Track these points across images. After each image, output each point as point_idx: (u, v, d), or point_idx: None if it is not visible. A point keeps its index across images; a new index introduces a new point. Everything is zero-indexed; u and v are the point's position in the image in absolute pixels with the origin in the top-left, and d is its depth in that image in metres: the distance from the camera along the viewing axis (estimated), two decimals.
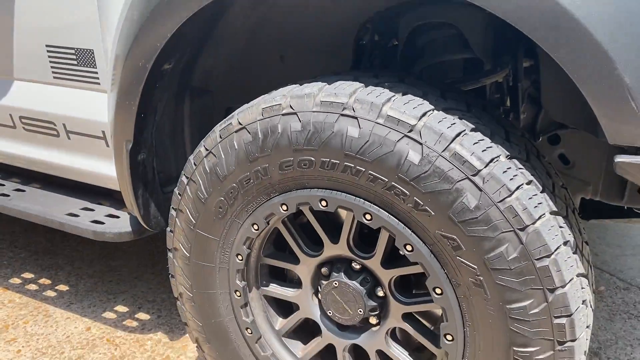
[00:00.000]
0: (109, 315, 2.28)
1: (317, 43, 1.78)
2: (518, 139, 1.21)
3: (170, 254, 1.57)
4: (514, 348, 1.14)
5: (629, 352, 2.01)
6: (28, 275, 2.58)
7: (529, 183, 1.12)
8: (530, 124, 1.72)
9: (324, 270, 1.43)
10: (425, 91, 1.20)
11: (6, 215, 3.15)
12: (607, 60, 0.95)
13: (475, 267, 1.12)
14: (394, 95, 1.16)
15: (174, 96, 1.65)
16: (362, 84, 1.21)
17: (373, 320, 1.41)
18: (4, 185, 2.15)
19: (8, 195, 2.06)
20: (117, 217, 1.89)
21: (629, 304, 2.30)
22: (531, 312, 1.10)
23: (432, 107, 1.15)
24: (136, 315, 2.28)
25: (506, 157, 1.13)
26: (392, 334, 1.40)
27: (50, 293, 2.43)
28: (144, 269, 2.61)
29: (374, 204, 1.21)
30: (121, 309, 2.32)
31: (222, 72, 1.75)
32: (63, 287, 2.47)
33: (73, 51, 1.67)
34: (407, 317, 1.35)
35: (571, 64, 0.98)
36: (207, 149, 1.38)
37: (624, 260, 2.63)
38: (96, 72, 1.67)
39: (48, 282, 2.52)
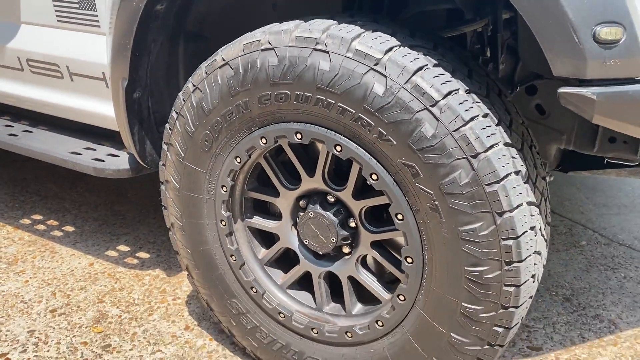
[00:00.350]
0: (111, 253, 2.42)
1: None
2: (480, 77, 1.29)
3: (162, 187, 1.69)
4: (466, 268, 1.24)
5: (600, 299, 2.10)
6: (37, 216, 2.73)
7: (485, 116, 1.20)
8: (509, 75, 1.79)
9: (301, 203, 1.54)
10: (395, 30, 1.28)
11: (19, 163, 3.30)
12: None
13: (432, 192, 1.22)
14: (363, 32, 1.25)
15: (169, 39, 1.74)
16: (336, 22, 1.29)
17: (345, 250, 1.52)
18: (13, 126, 2.28)
19: (17, 135, 2.19)
20: (117, 156, 2.00)
21: (607, 257, 2.38)
22: (481, 234, 1.20)
23: (399, 43, 1.23)
24: (137, 254, 2.42)
25: (465, 91, 1.21)
26: (362, 261, 1.51)
27: (57, 233, 2.58)
28: (147, 214, 2.75)
29: (343, 135, 1.30)
30: (123, 248, 2.47)
31: (216, 18, 1.83)
32: (69, 228, 2.62)
33: None
34: (375, 245, 1.45)
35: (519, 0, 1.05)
36: (194, 85, 1.48)
37: (608, 218, 2.71)
38: (96, 15, 1.77)
39: (55, 223, 2.67)
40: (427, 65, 1.20)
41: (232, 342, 1.85)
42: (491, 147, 1.17)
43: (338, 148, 1.32)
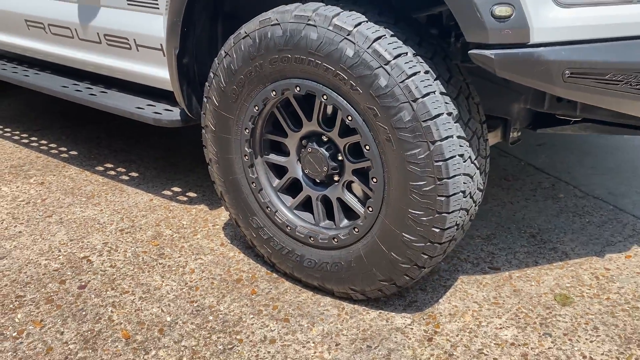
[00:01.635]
0: (167, 192, 3.01)
1: None
2: (429, 44, 1.74)
3: (203, 131, 2.23)
4: (410, 183, 1.71)
5: (561, 237, 2.51)
6: (109, 165, 3.36)
7: (426, 72, 1.66)
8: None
9: (304, 142, 2.04)
10: (366, 9, 1.75)
11: (94, 125, 3.95)
12: None
13: (386, 127, 1.69)
14: (341, 11, 1.72)
15: (210, 19, 2.27)
16: (323, 4, 1.77)
17: (335, 177, 2.01)
18: (92, 88, 2.89)
19: (95, 95, 2.79)
20: (171, 110, 2.57)
21: (578, 207, 2.77)
22: (419, 157, 1.66)
23: (366, 19, 1.70)
24: (187, 194, 3.00)
25: (412, 54, 1.67)
26: (347, 186, 2.00)
27: (125, 177, 3.20)
28: (197, 165, 3.32)
29: (328, 87, 1.79)
30: (176, 189, 3.05)
31: (247, 2, 2.34)
32: (134, 174, 3.23)
33: None
34: (355, 172, 1.94)
35: None
36: (225, 52, 2.00)
37: (592, 178, 3.06)
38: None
39: (123, 170, 3.29)
40: (384, 35, 1.67)
41: (255, 254, 2.39)
42: (427, 94, 1.63)
43: (324, 97, 1.81)
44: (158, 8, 2.32)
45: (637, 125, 2.05)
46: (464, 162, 1.71)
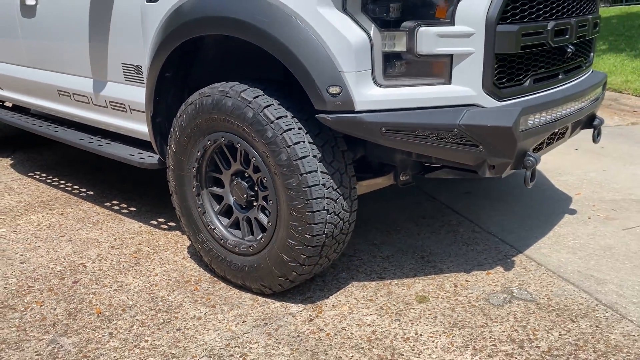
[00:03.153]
0: (153, 222, 3.85)
1: (262, 62, 3.21)
2: (307, 111, 2.55)
3: (167, 170, 3.07)
4: (289, 203, 2.49)
5: (445, 259, 3.18)
6: (115, 201, 4.24)
7: (299, 128, 2.47)
8: None
9: (233, 177, 2.85)
10: (266, 86, 2.59)
11: (111, 169, 4.86)
12: (307, 74, 2.30)
13: (274, 165, 2.49)
14: (247, 87, 2.57)
15: (178, 90, 3.16)
16: (238, 82, 2.63)
17: (254, 203, 2.80)
18: (101, 141, 3.81)
19: (102, 145, 3.71)
20: (153, 157, 3.44)
21: (470, 239, 3.44)
22: (293, 185, 2.44)
23: (262, 93, 2.54)
24: (168, 223, 3.83)
25: (291, 117, 2.48)
26: (261, 209, 2.78)
27: (125, 210, 4.06)
28: None
29: (240, 138, 2.62)
30: (161, 219, 3.89)
31: (207, 78, 3.23)
32: (132, 208, 4.10)
33: (133, 66, 3.26)
34: (264, 198, 2.73)
35: (297, 74, 2.33)
36: (179, 114, 2.87)
37: (494, 218, 3.74)
38: (142, 77, 3.23)
39: (125, 205, 4.16)
40: (272, 104, 2.50)
41: (205, 264, 3.16)
42: (297, 142, 2.43)
43: (239, 145, 2.64)
44: (144, 83, 3.24)
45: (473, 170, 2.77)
46: (326, 189, 2.48)
